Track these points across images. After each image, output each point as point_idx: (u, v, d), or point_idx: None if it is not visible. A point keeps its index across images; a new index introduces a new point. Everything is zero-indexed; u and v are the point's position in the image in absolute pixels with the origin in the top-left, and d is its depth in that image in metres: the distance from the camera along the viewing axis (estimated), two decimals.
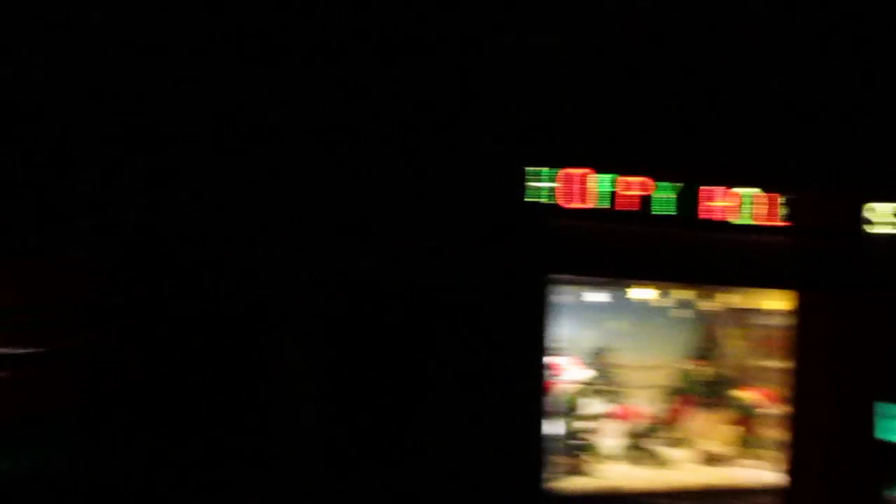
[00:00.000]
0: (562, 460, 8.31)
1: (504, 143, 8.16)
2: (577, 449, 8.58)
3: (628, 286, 9.29)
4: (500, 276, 8.24)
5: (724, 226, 8.60)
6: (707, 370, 9.92)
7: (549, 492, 7.87)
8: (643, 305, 9.88)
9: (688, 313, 10.18)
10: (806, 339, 9.42)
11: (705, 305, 10.06)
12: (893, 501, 8.34)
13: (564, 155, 8.26)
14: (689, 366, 9.84)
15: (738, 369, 10.12)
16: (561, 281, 8.26)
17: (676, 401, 9.66)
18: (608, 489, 8.11)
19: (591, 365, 9.48)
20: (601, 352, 9.82)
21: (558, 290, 8.22)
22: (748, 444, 9.20)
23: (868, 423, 8.64)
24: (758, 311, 9.88)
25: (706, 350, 10.30)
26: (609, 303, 9.46)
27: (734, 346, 10.20)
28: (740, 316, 10.19)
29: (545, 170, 8.08)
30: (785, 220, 8.74)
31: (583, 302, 9.27)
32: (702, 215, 8.54)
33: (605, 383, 9.57)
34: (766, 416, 9.22)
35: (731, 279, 8.84)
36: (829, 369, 8.89)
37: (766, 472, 8.70)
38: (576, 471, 8.40)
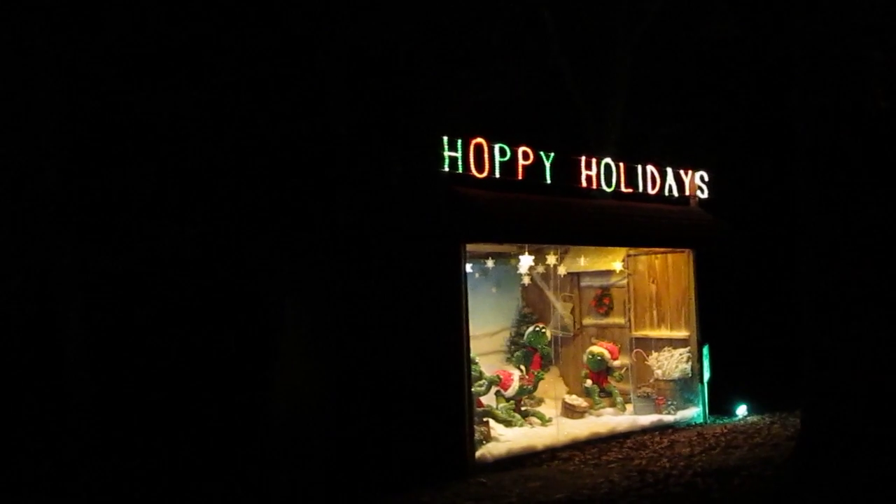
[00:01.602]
0: (476, 428, 8.34)
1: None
2: (481, 416, 8.67)
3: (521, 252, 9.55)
4: (420, 246, 8.10)
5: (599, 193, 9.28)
6: (551, 331, 10.55)
7: (476, 461, 7.88)
8: (492, 273, 10.21)
9: (528, 279, 10.68)
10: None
11: (556, 269, 10.63)
12: None
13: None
14: (538, 328, 10.34)
15: (580, 328, 10.92)
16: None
17: (532, 363, 10.13)
18: (521, 449, 8.30)
19: None
20: None
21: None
22: (604, 395, 9.98)
23: None
24: (598, 273, 10.71)
25: (550, 311, 10.95)
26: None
27: (569, 307, 10.97)
28: (581, 278, 10.97)
29: (458, 140, 8.02)
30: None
31: None
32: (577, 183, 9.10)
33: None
34: (615, 368, 10.07)
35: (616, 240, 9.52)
36: None
37: (639, 417, 9.54)
38: (486, 438, 8.48)
